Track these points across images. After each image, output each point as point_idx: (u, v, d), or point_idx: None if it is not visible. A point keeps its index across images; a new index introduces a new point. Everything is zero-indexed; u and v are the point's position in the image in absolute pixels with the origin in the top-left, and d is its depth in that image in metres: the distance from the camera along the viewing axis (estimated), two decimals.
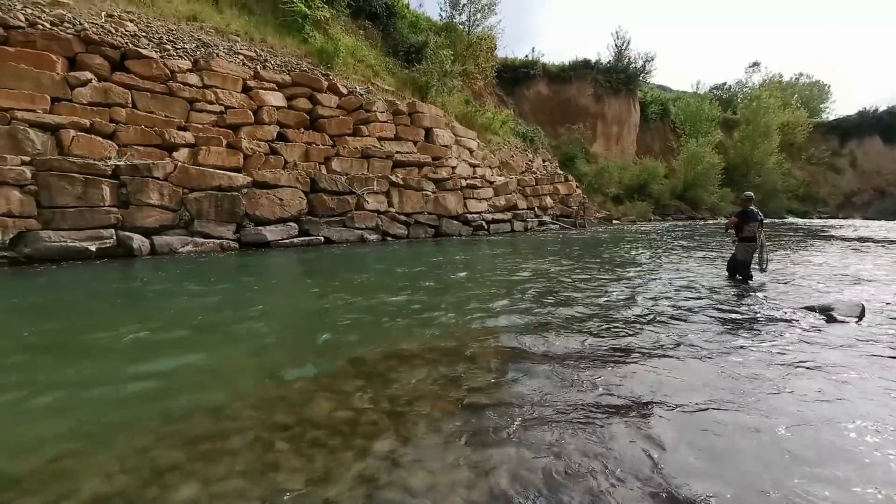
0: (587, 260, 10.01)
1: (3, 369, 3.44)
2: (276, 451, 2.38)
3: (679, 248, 12.67)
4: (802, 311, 5.39)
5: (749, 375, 3.42)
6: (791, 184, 40.94)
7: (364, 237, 13.17)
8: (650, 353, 3.89)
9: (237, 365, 3.63)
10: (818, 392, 3.15)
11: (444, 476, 2.19)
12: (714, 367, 3.60)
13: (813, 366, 3.64)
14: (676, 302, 5.91)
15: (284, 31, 16.09)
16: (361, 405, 2.90)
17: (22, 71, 9.30)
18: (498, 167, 20.69)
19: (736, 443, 2.50)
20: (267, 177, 11.72)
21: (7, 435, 2.55)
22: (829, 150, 46.97)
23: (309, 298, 6.31)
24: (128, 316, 5.07)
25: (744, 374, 3.46)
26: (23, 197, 8.32)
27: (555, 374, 3.40)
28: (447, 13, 25.83)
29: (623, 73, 32.53)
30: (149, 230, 9.66)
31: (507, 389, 3.17)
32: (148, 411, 2.80)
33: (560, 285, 7.00)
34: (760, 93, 40.51)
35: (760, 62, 68.90)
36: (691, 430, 2.62)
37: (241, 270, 8.40)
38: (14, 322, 4.80)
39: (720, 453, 2.40)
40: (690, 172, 32.21)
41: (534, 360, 3.71)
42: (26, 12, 10.05)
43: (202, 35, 13.37)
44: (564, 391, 3.12)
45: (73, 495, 2.02)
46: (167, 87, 11.36)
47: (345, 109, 14.83)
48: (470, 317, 5.09)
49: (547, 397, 3.02)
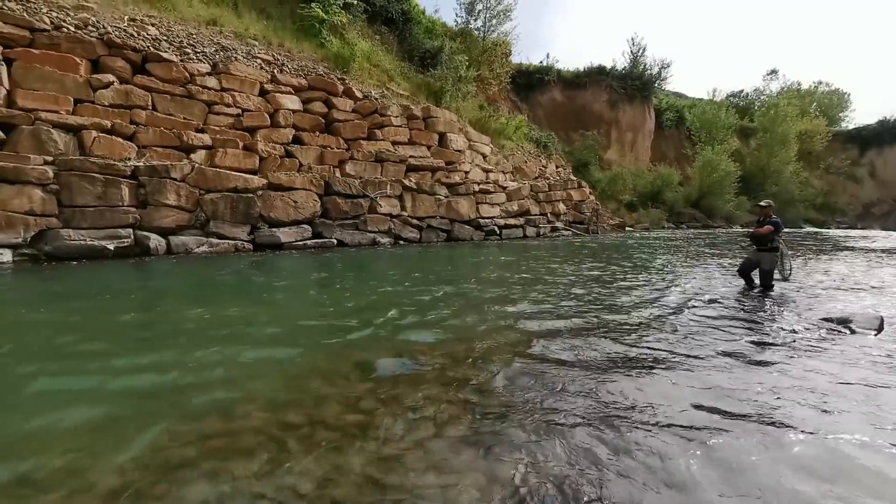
0: (601, 264, 9.95)
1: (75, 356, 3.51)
2: (287, 451, 2.40)
3: (697, 256, 12.54)
4: (820, 323, 5.30)
5: (763, 386, 3.37)
6: (809, 193, 40.35)
7: (376, 240, 13.23)
8: (666, 363, 3.85)
9: (255, 367, 3.66)
10: (833, 405, 3.10)
11: (454, 480, 2.19)
12: (727, 377, 3.55)
13: (829, 378, 3.58)
14: (695, 311, 5.84)
15: (302, 35, 16.30)
16: (372, 407, 2.91)
17: (47, 73, 9.53)
18: (511, 172, 20.67)
19: (749, 455, 2.46)
20: (282, 179, 11.85)
21: (26, 425, 2.61)
22: (849, 159, 46.23)
23: (337, 295, 6.36)
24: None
25: (758, 384, 3.41)
26: (45, 196, 8.51)
27: (569, 381, 3.38)
28: (462, 19, 26.00)
29: (638, 79, 32.40)
30: (165, 230, 9.82)
31: (519, 394, 3.15)
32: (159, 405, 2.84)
33: (577, 289, 6.96)
34: (778, 101, 40.04)
35: (778, 70, 67.81)
36: (704, 442, 2.59)
37: (316, 268, 8.49)
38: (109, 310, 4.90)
39: (733, 466, 2.36)
40: (706, 180, 31.90)
41: (548, 365, 3.69)
42: (52, 16, 10.31)
43: (221, 39, 13.59)
44: (578, 398, 3.10)
45: (88, 490, 2.06)
46: (186, 90, 11.57)
47: (359, 113, 14.95)
48: (486, 319, 5.08)
49: (559, 404, 3.00)
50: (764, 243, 7.18)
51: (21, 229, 8.23)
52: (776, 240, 7.11)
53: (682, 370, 3.68)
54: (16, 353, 3.80)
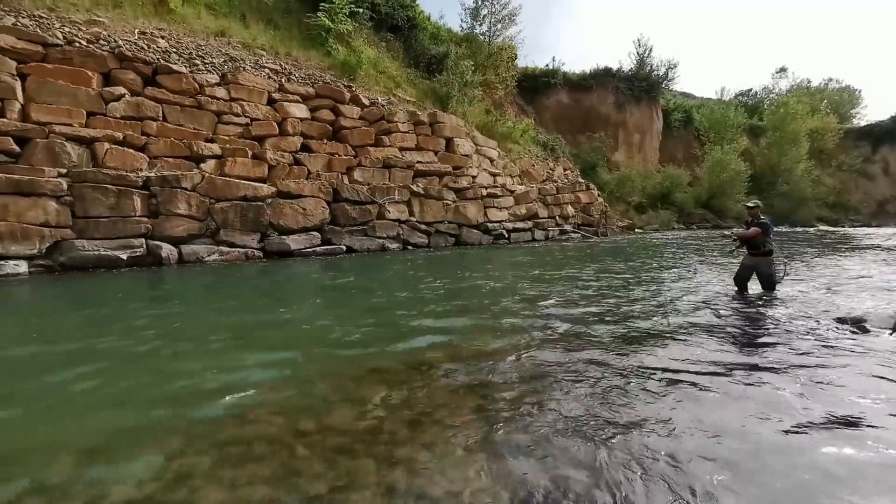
0: (607, 268, 9.91)
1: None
2: (299, 457, 2.42)
3: (708, 258, 12.44)
4: (833, 322, 5.24)
5: (778, 387, 3.34)
6: (821, 191, 39.84)
7: (385, 246, 13.28)
8: (679, 367, 3.82)
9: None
10: (850, 406, 3.06)
11: (465, 485, 2.19)
12: (742, 378, 3.52)
13: (844, 378, 3.53)
14: (707, 312, 5.80)
15: (309, 44, 16.47)
16: (384, 413, 2.92)
17: (60, 87, 9.70)
18: (518, 176, 20.67)
19: (765, 458, 2.44)
20: (290, 187, 11.95)
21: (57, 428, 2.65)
22: (861, 156, 45.61)
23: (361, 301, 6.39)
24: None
25: (773, 385, 3.38)
26: (59, 208, 8.66)
27: (581, 386, 3.37)
28: (468, 24, 26.13)
29: (645, 80, 32.31)
30: (177, 239, 9.93)
31: (531, 399, 3.15)
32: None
33: (587, 292, 6.94)
34: (788, 99, 39.67)
35: (787, 68, 67.13)
36: (719, 445, 2.57)
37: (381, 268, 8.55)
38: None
39: (749, 469, 2.34)
40: (715, 180, 31.64)
41: (560, 370, 3.69)
42: (64, 31, 10.52)
43: (230, 50, 13.76)
44: (590, 404, 3.09)
45: (103, 498, 2.09)
46: (196, 101, 11.72)
47: (367, 120, 15.05)
48: (497, 325, 5.08)
49: (571, 410, 2.99)
50: (756, 247, 6.72)
51: (36, 241, 8.38)
52: (769, 242, 6.65)
53: (694, 372, 3.66)
54: (41, 357, 3.86)
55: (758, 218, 6.75)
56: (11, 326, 5.13)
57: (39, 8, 10.91)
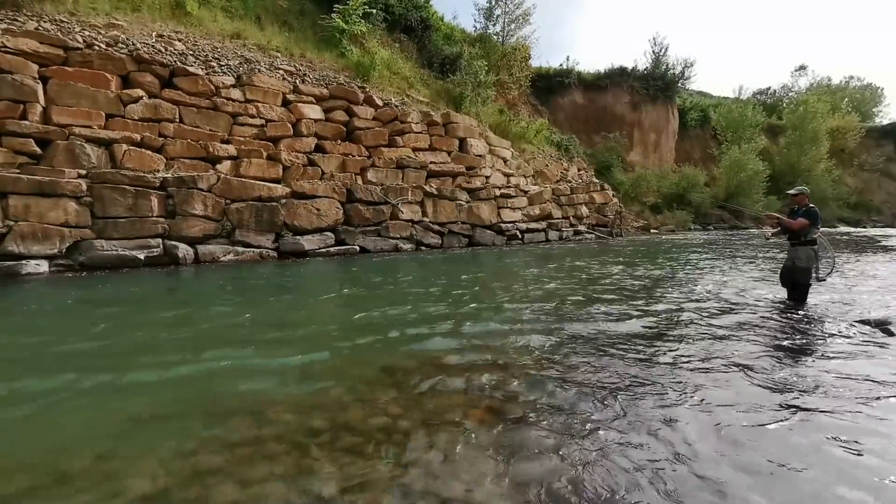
0: (619, 267, 9.79)
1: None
2: (311, 456, 2.41)
3: (729, 258, 12.24)
4: (857, 325, 5.10)
5: (801, 389, 3.25)
6: (842, 191, 38.95)
7: (399, 246, 13.28)
8: (700, 368, 3.75)
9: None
10: (871, 408, 2.96)
11: (478, 486, 2.16)
12: (764, 379, 3.44)
13: (867, 381, 3.43)
14: (728, 314, 5.70)
15: (323, 46, 16.56)
16: (396, 412, 2.90)
17: (80, 89, 9.87)
18: (532, 176, 20.55)
19: (788, 461, 2.37)
20: (305, 187, 12.01)
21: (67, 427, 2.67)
22: (884, 155, 44.50)
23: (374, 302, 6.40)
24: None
25: (796, 387, 3.29)
26: (79, 208, 8.80)
27: (601, 390, 3.32)
28: (481, 24, 26.06)
29: (661, 79, 31.89)
30: (193, 239, 10.03)
31: (545, 399, 3.11)
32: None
33: (604, 295, 6.86)
34: (807, 97, 38.89)
35: (807, 66, 65.66)
36: (740, 448, 2.50)
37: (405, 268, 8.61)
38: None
39: (772, 472, 2.27)
40: (733, 180, 31.08)
41: (578, 373, 3.63)
42: (84, 34, 10.70)
43: (245, 52, 13.90)
44: (610, 406, 3.03)
45: (120, 494, 2.10)
46: (212, 103, 11.84)
47: (380, 121, 15.08)
48: (511, 326, 5.04)
49: (586, 411, 2.94)
50: (798, 236, 6.10)
51: (57, 240, 8.53)
52: (814, 231, 6.00)
53: (715, 374, 3.58)
54: (53, 356, 3.91)
55: (804, 206, 6.04)
56: (73, 319, 5.21)
57: (61, 12, 11.12)
